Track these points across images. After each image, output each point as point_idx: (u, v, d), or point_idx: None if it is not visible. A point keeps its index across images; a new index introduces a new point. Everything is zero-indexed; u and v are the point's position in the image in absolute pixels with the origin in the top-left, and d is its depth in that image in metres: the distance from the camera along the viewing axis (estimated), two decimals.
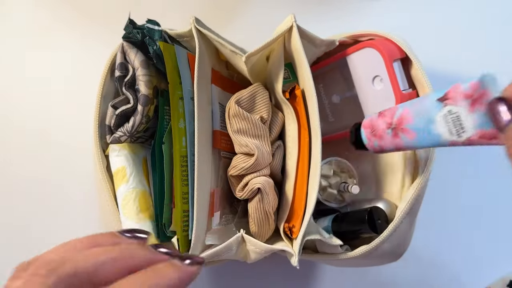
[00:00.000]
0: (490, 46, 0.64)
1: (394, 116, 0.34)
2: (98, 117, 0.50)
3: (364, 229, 0.49)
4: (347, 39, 0.52)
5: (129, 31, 0.49)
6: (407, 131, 0.33)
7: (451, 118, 0.30)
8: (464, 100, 0.29)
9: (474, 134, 0.29)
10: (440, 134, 0.31)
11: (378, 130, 0.36)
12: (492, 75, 0.29)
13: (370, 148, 0.39)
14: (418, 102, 0.33)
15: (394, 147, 0.36)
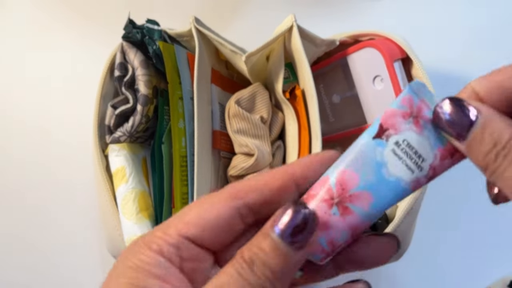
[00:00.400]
0: (491, 46, 0.64)
1: (331, 187, 0.24)
2: (98, 117, 0.50)
3: None
4: (348, 38, 0.52)
5: (128, 30, 0.49)
6: (358, 197, 0.24)
7: (401, 150, 0.24)
8: (405, 121, 0.24)
9: (436, 158, 0.24)
10: (400, 177, 0.24)
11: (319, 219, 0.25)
12: (418, 81, 0.25)
13: (320, 257, 0.25)
14: (352, 154, 0.24)
15: (350, 230, 0.25)
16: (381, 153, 0.24)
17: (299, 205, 0.22)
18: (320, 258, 0.25)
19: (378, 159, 0.24)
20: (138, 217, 0.48)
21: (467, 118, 0.21)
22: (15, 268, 0.60)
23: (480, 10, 0.64)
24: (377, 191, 0.24)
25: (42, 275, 0.60)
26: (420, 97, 0.24)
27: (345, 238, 0.25)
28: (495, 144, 0.20)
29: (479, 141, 0.20)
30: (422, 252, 0.60)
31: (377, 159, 0.24)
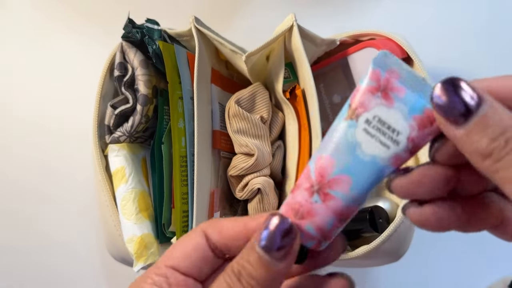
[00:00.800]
0: (492, 45, 0.64)
1: (311, 175, 0.24)
2: (97, 117, 0.50)
3: (365, 228, 0.48)
4: (348, 38, 0.52)
5: (128, 30, 0.48)
6: (336, 182, 0.23)
7: (373, 128, 0.23)
8: (374, 97, 0.23)
9: (413, 129, 0.22)
10: (375, 154, 0.23)
11: (302, 207, 0.24)
12: (382, 51, 0.23)
13: (312, 243, 0.25)
14: (328, 139, 0.24)
15: (334, 216, 0.24)
16: (353, 134, 0.23)
17: (280, 219, 0.23)
18: (313, 244, 0.25)
19: (351, 141, 0.23)
20: (137, 217, 0.48)
21: (469, 100, 0.19)
22: (14, 268, 0.60)
23: (481, 10, 0.64)
24: (355, 173, 0.23)
25: (41, 276, 0.60)
26: (387, 68, 0.23)
27: (332, 223, 0.24)
28: (505, 131, 0.19)
29: (484, 126, 0.19)
30: (423, 253, 0.60)
31: (350, 141, 0.23)
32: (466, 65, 0.63)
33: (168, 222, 0.48)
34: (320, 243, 0.25)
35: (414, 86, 0.23)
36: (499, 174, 0.19)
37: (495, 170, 0.19)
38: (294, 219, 0.25)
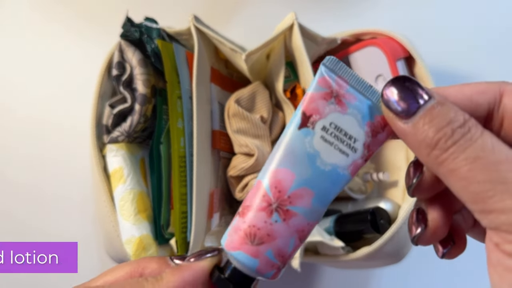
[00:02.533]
0: (493, 45, 0.63)
1: (266, 193, 0.22)
2: (95, 116, 0.49)
3: (366, 229, 0.48)
4: (349, 37, 0.51)
5: (126, 29, 0.48)
6: (297, 197, 0.22)
7: (330, 135, 0.22)
8: (327, 103, 0.22)
9: (368, 135, 0.22)
10: (335, 164, 0.22)
11: (260, 231, 0.22)
12: (330, 57, 0.23)
13: (272, 273, 0.23)
14: (281, 151, 0.22)
15: (297, 235, 0.22)
16: (311, 143, 0.22)
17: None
18: (272, 274, 0.23)
19: (309, 150, 0.22)
20: (136, 218, 0.47)
21: (418, 96, 0.20)
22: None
23: (483, 10, 0.63)
24: (316, 185, 0.22)
25: (40, 276, 0.60)
26: (337, 74, 0.23)
27: (294, 245, 0.22)
28: (450, 121, 0.19)
29: (431, 118, 0.19)
30: (424, 254, 0.60)
31: (308, 151, 0.22)
32: (469, 64, 0.62)
33: (167, 223, 0.48)
34: (279, 271, 0.23)
35: (363, 93, 0.23)
36: (444, 166, 0.19)
37: (440, 162, 0.19)
38: (251, 246, 0.22)
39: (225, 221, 0.51)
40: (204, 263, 0.23)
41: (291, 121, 0.23)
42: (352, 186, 0.53)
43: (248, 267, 0.22)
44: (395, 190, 0.53)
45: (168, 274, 0.22)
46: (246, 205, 0.23)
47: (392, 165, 0.53)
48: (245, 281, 0.23)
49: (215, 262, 0.23)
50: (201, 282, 0.23)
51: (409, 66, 0.49)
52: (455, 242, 0.23)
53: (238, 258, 0.23)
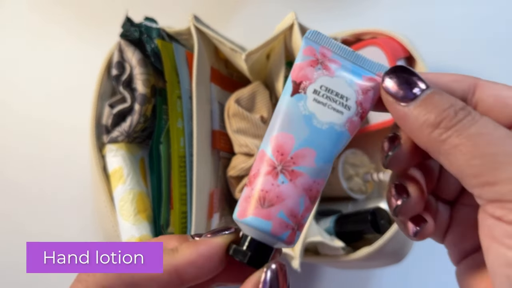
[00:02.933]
0: (494, 44, 0.63)
1: (270, 158, 0.23)
2: (95, 116, 0.49)
3: (367, 229, 0.48)
4: (350, 37, 0.51)
5: (126, 28, 0.48)
6: (300, 156, 0.22)
7: (322, 96, 0.23)
8: (315, 69, 0.23)
9: (358, 94, 0.23)
10: (332, 121, 0.23)
11: (269, 193, 0.22)
12: (311, 30, 0.24)
13: (287, 234, 0.23)
14: (279, 118, 0.23)
15: (305, 194, 0.23)
16: (304, 106, 0.23)
17: (275, 269, 0.22)
18: (288, 235, 0.22)
19: (304, 113, 0.23)
20: (136, 218, 0.47)
21: (417, 84, 0.22)
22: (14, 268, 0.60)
23: (483, 9, 0.64)
24: (315, 143, 0.23)
25: (39, 276, 0.60)
26: (320, 44, 0.24)
27: (305, 204, 0.23)
28: (453, 104, 0.21)
29: (432, 101, 0.21)
30: (424, 254, 0.60)
31: (303, 113, 0.23)
32: (469, 64, 0.62)
33: (167, 223, 0.48)
34: (294, 233, 0.23)
35: (346, 57, 0.24)
36: (448, 143, 0.20)
37: (444, 139, 0.20)
38: (262, 209, 0.22)
39: (225, 221, 0.51)
40: (220, 239, 0.23)
41: (284, 92, 0.24)
42: (352, 186, 0.53)
43: (262, 230, 0.22)
44: None
45: (183, 247, 0.23)
46: (252, 174, 0.23)
47: None
48: (262, 249, 0.23)
49: (231, 239, 0.24)
50: (216, 256, 0.23)
51: (410, 66, 0.49)
52: (428, 221, 0.24)
53: (251, 223, 0.22)
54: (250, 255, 0.23)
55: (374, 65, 0.24)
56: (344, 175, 0.53)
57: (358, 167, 0.53)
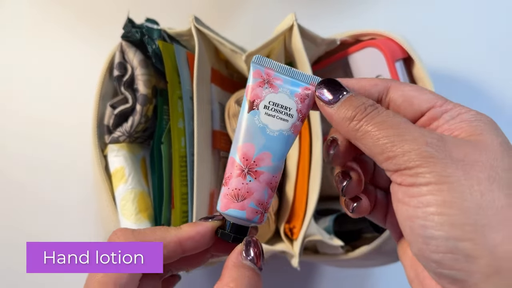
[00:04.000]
0: (492, 45, 0.63)
1: (238, 163, 0.30)
2: (97, 117, 0.50)
3: (365, 228, 0.48)
4: (349, 38, 0.51)
5: (127, 30, 0.48)
6: (260, 159, 0.29)
7: (271, 110, 0.30)
8: (263, 88, 0.30)
9: (297, 103, 0.30)
10: (280, 129, 0.30)
11: (241, 190, 0.30)
12: (256, 56, 0.30)
13: (257, 217, 0.30)
14: (241, 131, 0.30)
15: (267, 186, 0.30)
16: (259, 119, 0.30)
17: (250, 241, 0.29)
18: (258, 218, 0.30)
19: (259, 125, 0.30)
20: (137, 218, 0.48)
21: (340, 91, 0.28)
22: (13, 269, 0.60)
23: (482, 10, 0.64)
24: (271, 148, 0.30)
25: (39, 276, 0.60)
26: (264, 66, 0.30)
27: (268, 194, 0.30)
28: (364, 103, 0.27)
29: (349, 102, 0.27)
30: None
31: (258, 125, 0.30)
32: (467, 64, 0.62)
33: (168, 222, 0.48)
34: (262, 216, 0.30)
35: (286, 74, 0.30)
36: (360, 131, 0.26)
37: (357, 128, 0.26)
38: (238, 203, 0.30)
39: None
40: (212, 222, 0.31)
41: (242, 109, 0.30)
42: None
43: (239, 218, 0.30)
44: None
45: (185, 226, 0.30)
46: (227, 176, 0.30)
47: None
48: (241, 230, 0.30)
49: (219, 224, 0.31)
50: (208, 235, 0.30)
51: (407, 67, 0.49)
52: (363, 200, 0.31)
53: (231, 214, 0.30)
54: (233, 236, 0.30)
55: (307, 77, 0.30)
56: None
57: None
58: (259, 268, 0.28)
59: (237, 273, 0.27)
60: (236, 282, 0.27)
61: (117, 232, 0.29)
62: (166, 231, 0.30)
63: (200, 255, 0.32)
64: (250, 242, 0.29)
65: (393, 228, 0.31)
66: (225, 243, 0.31)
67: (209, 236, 0.30)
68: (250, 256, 0.28)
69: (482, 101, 0.63)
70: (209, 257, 0.33)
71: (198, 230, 0.30)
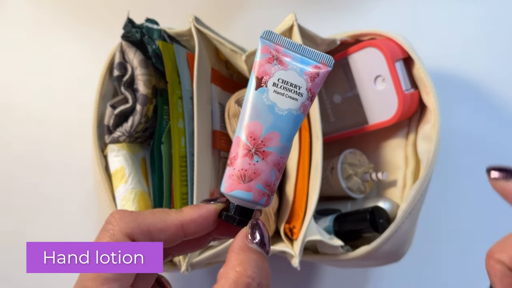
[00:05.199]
0: (492, 46, 0.63)
1: (245, 143, 0.28)
2: (97, 117, 0.50)
3: (365, 228, 0.48)
4: (349, 38, 0.51)
5: (127, 30, 0.48)
6: (268, 139, 0.28)
7: (280, 88, 0.28)
8: (272, 65, 0.28)
9: (307, 81, 0.29)
10: (289, 108, 0.28)
11: (248, 171, 0.28)
12: (265, 30, 0.29)
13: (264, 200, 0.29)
14: (248, 109, 0.29)
15: (275, 167, 0.29)
16: (267, 97, 0.28)
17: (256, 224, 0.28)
18: (265, 200, 0.29)
19: (267, 103, 0.28)
20: None
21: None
22: (13, 268, 0.60)
23: (481, 10, 0.63)
24: (279, 127, 0.28)
25: (39, 276, 0.60)
26: (273, 41, 0.29)
27: (275, 175, 0.29)
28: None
29: None
30: (424, 253, 0.60)
31: (266, 103, 0.28)
32: (467, 65, 0.62)
33: None
34: (269, 198, 0.29)
35: (296, 51, 0.29)
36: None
37: None
38: (244, 184, 0.28)
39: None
40: (215, 205, 0.30)
41: (249, 86, 0.29)
42: (351, 186, 0.53)
43: (245, 200, 0.29)
44: (394, 190, 0.53)
45: (187, 208, 0.29)
46: (232, 156, 0.29)
47: (391, 165, 0.54)
48: (246, 212, 0.29)
49: (222, 206, 0.30)
50: (211, 217, 0.29)
51: (407, 67, 0.49)
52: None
53: (236, 195, 0.29)
54: (238, 219, 0.29)
55: (318, 55, 0.29)
56: (343, 175, 0.53)
57: (356, 166, 0.54)
58: (266, 252, 0.27)
59: (244, 257, 0.27)
60: (243, 265, 0.26)
61: (114, 214, 0.28)
62: (167, 214, 0.28)
63: (202, 238, 0.31)
64: (256, 225, 0.28)
65: None
66: (228, 226, 0.30)
67: (212, 219, 0.29)
68: (257, 239, 0.27)
69: (482, 101, 0.63)
70: (211, 239, 0.32)
71: (201, 213, 0.29)
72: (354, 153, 0.54)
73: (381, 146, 0.55)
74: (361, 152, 0.55)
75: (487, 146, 0.62)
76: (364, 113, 0.52)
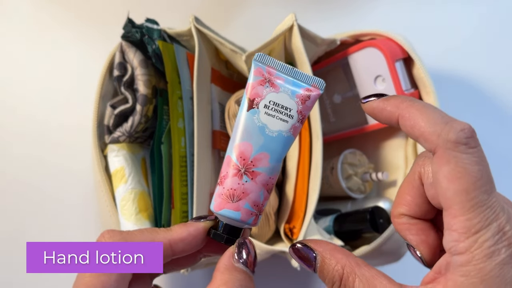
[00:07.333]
0: (492, 45, 0.63)
1: (235, 162, 0.29)
2: (97, 117, 0.50)
3: (365, 228, 0.48)
4: (349, 38, 0.52)
5: (127, 30, 0.48)
6: (258, 160, 0.29)
7: (271, 110, 0.29)
8: (264, 87, 0.29)
9: (298, 104, 0.29)
10: (280, 130, 0.29)
11: (236, 190, 0.29)
12: (258, 53, 0.29)
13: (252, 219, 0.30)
14: (239, 130, 0.29)
15: (264, 187, 0.29)
16: (258, 118, 0.29)
17: (243, 242, 0.29)
18: (252, 220, 0.29)
19: (258, 124, 0.29)
20: (137, 218, 0.48)
21: (311, 254, 0.28)
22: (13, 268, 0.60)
23: (481, 10, 0.64)
24: (269, 148, 0.29)
25: (40, 276, 0.60)
26: (266, 64, 0.29)
27: (264, 195, 0.29)
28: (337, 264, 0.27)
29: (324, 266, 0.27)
30: None
31: (258, 125, 0.29)
32: (467, 65, 0.62)
33: (168, 222, 0.48)
34: (257, 217, 0.29)
35: (288, 73, 0.29)
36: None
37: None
38: (233, 203, 0.29)
39: None
40: (204, 223, 0.30)
41: (241, 107, 0.29)
42: (351, 186, 0.53)
43: (233, 219, 0.29)
44: (394, 190, 0.53)
45: (177, 228, 0.29)
46: (222, 176, 0.29)
47: (391, 165, 0.54)
48: (234, 231, 0.30)
49: (211, 224, 0.30)
50: (200, 236, 0.29)
51: (407, 67, 0.49)
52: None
53: (225, 214, 0.29)
54: (226, 237, 0.29)
55: (309, 78, 0.29)
56: (343, 175, 0.53)
57: (356, 166, 0.54)
58: (252, 271, 0.28)
59: (228, 276, 0.27)
60: (227, 285, 0.26)
61: (104, 234, 0.28)
62: (155, 233, 0.29)
63: (192, 255, 0.31)
64: (243, 244, 0.28)
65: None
66: (217, 244, 0.30)
67: (201, 237, 0.30)
68: (243, 259, 0.28)
69: (482, 101, 0.63)
70: (201, 257, 0.32)
71: (189, 231, 0.29)
72: (354, 153, 0.54)
73: (381, 146, 0.55)
74: (361, 152, 0.55)
75: (487, 146, 0.61)
76: (364, 113, 0.52)
